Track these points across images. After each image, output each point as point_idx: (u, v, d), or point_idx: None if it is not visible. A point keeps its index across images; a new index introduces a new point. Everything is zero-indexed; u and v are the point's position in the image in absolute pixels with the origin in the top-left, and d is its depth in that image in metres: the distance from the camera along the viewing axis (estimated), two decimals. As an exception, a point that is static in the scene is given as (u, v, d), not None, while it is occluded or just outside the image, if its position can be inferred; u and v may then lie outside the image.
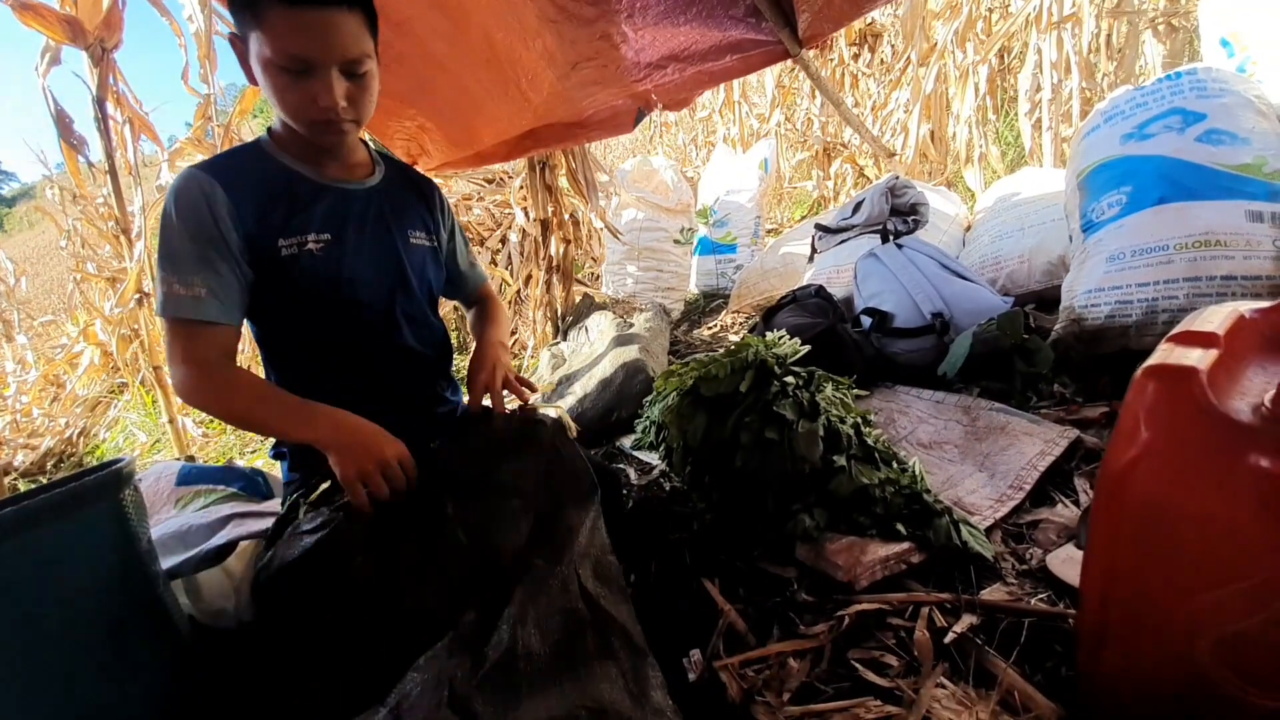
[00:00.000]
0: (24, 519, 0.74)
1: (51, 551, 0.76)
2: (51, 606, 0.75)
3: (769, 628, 0.86)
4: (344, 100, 0.84)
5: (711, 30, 1.52)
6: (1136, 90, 1.56)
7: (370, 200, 1.00)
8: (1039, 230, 1.91)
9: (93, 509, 0.80)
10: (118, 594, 0.82)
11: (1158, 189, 1.39)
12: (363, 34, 0.84)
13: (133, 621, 0.83)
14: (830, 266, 2.23)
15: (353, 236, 0.94)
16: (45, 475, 3.43)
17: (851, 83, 4.46)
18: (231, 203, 0.86)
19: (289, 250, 0.89)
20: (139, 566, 0.86)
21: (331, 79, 0.82)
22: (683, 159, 6.86)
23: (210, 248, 0.85)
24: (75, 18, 2.22)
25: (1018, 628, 0.77)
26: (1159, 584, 0.56)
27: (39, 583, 0.75)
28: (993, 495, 1.05)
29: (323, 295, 0.92)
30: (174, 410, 2.36)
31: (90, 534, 0.80)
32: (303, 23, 0.78)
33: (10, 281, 5.88)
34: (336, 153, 0.97)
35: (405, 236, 1.03)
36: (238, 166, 0.91)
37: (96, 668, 0.79)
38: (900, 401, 1.45)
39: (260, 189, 0.89)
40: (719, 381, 1.12)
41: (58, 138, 2.38)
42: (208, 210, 0.85)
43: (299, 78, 0.81)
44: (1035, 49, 2.92)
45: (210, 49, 2.96)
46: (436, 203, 1.13)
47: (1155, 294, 1.33)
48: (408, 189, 1.08)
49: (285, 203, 0.90)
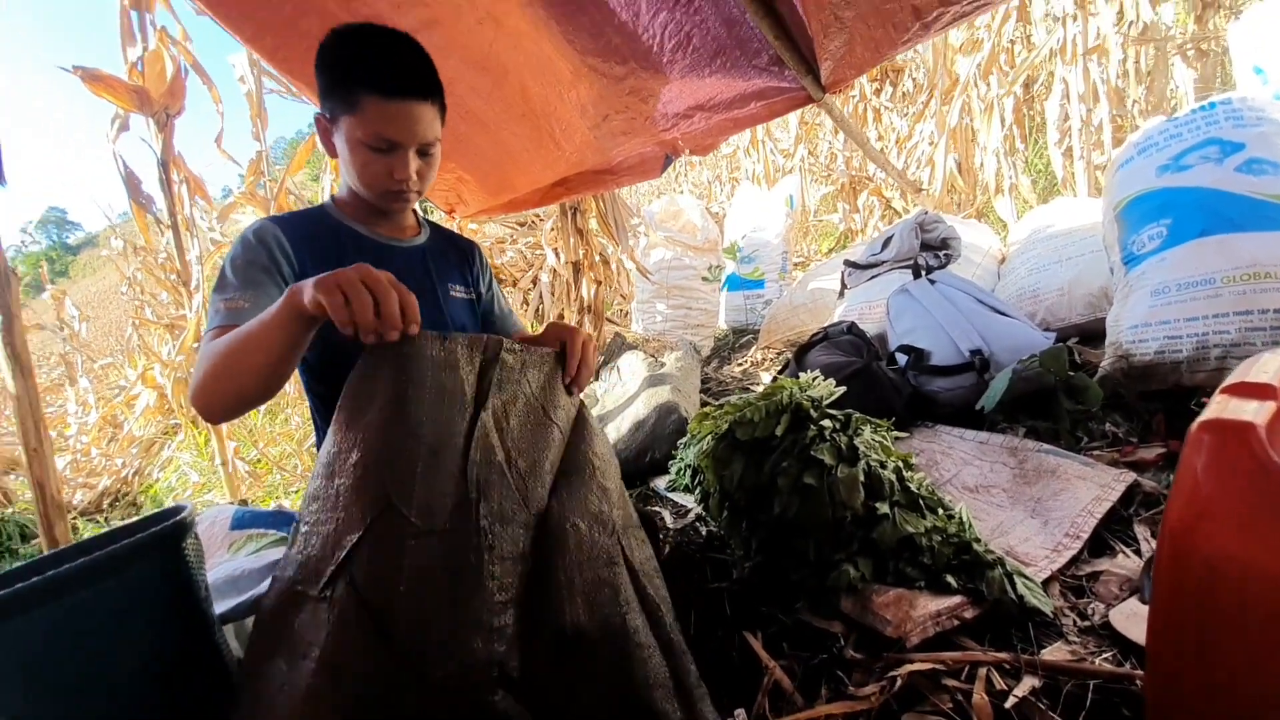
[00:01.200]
0: (93, 570, 0.77)
1: (119, 600, 0.79)
2: (118, 655, 0.78)
3: (816, 686, 0.83)
4: (415, 174, 0.98)
5: (736, 80, 1.57)
6: (1169, 121, 1.55)
7: (416, 257, 1.12)
8: (1078, 262, 1.88)
9: (157, 558, 0.83)
10: (178, 641, 0.84)
11: (1199, 221, 1.36)
12: (436, 121, 0.98)
13: (192, 668, 0.85)
14: (861, 302, 2.22)
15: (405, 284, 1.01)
16: (102, 514, 3.58)
17: (874, 117, 4.51)
18: (291, 247, 0.98)
19: None
20: (198, 613, 0.88)
21: (409, 157, 0.96)
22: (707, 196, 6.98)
23: (261, 273, 0.93)
24: (144, 88, 2.42)
25: (1083, 690, 0.74)
26: (1227, 648, 0.53)
27: (107, 631, 0.78)
28: (1047, 544, 1.01)
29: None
30: (226, 453, 2.46)
31: (154, 582, 0.83)
32: (394, 112, 0.92)
33: (75, 327, 6.26)
34: (393, 217, 1.10)
35: (446, 290, 1.14)
36: (301, 221, 1.04)
37: (153, 708, 0.81)
38: (942, 442, 1.42)
39: (319, 241, 1.02)
40: (754, 425, 1.12)
41: (127, 197, 2.57)
42: (263, 246, 0.96)
43: (381, 154, 0.95)
44: (1061, 79, 2.92)
45: (261, 108, 3.17)
46: (476, 260, 1.25)
47: (1205, 328, 1.29)
48: (449, 248, 1.21)
49: (339, 254, 1.02)
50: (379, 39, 0.94)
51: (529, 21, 1.49)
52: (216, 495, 2.97)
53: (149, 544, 0.82)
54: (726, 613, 1.02)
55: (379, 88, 0.90)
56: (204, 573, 0.92)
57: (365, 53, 0.92)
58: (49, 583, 0.74)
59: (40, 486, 1.63)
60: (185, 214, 2.38)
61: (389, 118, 0.92)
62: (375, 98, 0.90)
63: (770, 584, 1.04)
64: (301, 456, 3.10)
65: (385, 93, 0.90)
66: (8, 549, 3.04)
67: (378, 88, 0.90)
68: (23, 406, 1.60)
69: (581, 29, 1.48)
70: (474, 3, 1.43)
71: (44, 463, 1.63)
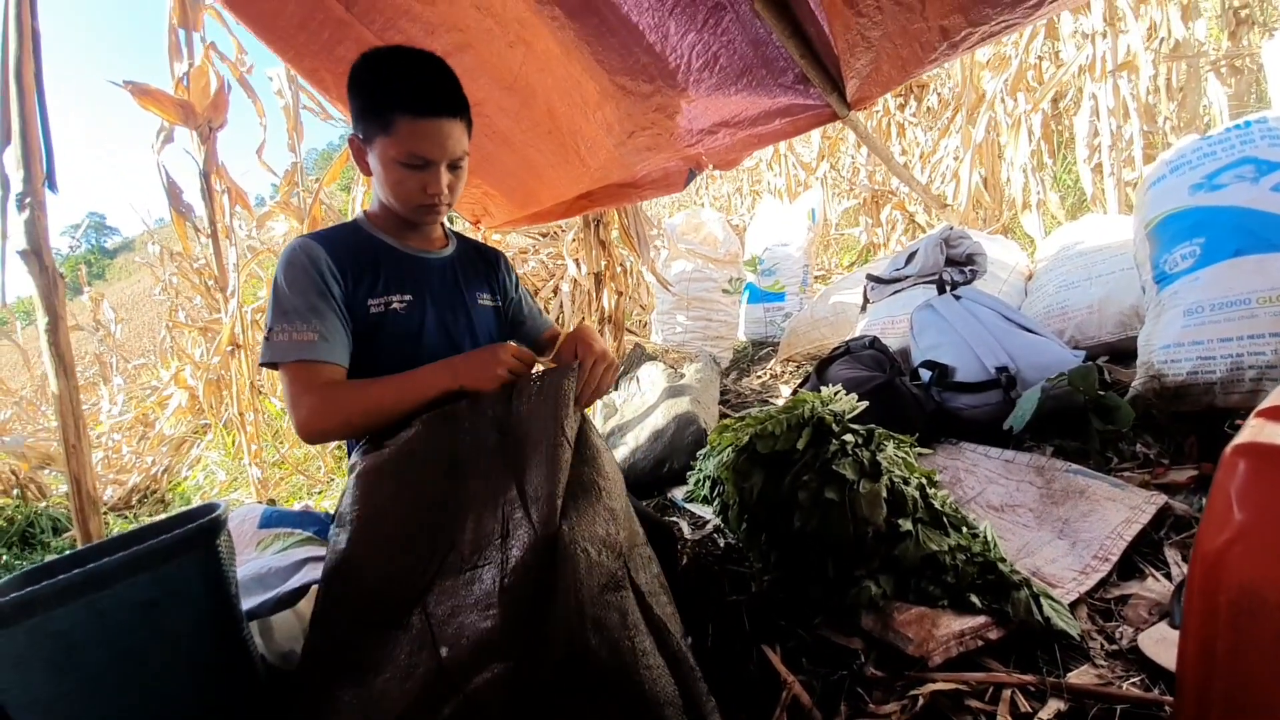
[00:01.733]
0: (132, 563, 0.80)
1: (154, 592, 0.81)
2: (153, 647, 0.80)
3: (835, 703, 0.83)
4: (446, 188, 1.03)
5: (761, 98, 1.58)
6: (1203, 139, 1.52)
7: (445, 268, 1.17)
8: (1108, 279, 1.85)
9: (193, 554, 0.86)
10: (209, 635, 0.87)
11: (1234, 240, 1.34)
12: (464, 136, 1.03)
13: (221, 663, 0.88)
14: (884, 317, 2.20)
15: (430, 298, 1.11)
16: (131, 509, 3.68)
17: (898, 132, 4.50)
18: (336, 265, 1.02)
19: (377, 309, 1.05)
20: (229, 609, 0.91)
21: (440, 172, 1.01)
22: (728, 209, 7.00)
23: (320, 299, 0.99)
24: (189, 102, 2.53)
25: (1109, 715, 0.72)
26: (1262, 676, 0.52)
27: (143, 624, 0.80)
28: (1075, 566, 0.99)
29: (404, 347, 1.06)
30: (252, 454, 2.52)
31: (188, 577, 0.85)
32: (425, 130, 0.96)
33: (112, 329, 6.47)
34: (422, 230, 1.14)
35: (474, 299, 1.19)
36: (337, 237, 1.08)
37: (189, 707, 0.83)
38: (966, 459, 1.40)
39: (355, 256, 1.06)
40: (775, 438, 1.12)
41: (168, 205, 2.67)
42: (314, 268, 1.00)
43: (415, 171, 1.00)
44: (1090, 95, 2.89)
45: (297, 121, 3.28)
46: (502, 268, 1.31)
47: (1240, 349, 1.26)
48: (476, 258, 1.26)
49: (375, 268, 1.07)
50: (407, 62, 0.99)
51: (559, 44, 1.53)
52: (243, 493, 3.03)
53: (187, 539, 0.85)
54: (745, 626, 1.02)
55: (410, 108, 0.95)
56: (234, 570, 0.95)
57: (395, 76, 0.97)
58: (89, 575, 0.77)
59: (77, 481, 1.69)
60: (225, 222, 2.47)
61: (420, 136, 0.96)
62: (407, 118, 0.95)
63: (789, 598, 1.03)
64: (324, 458, 3.16)
65: (416, 112, 0.95)
66: (40, 542, 3.14)
67: (409, 108, 0.95)
68: (64, 404, 1.66)
69: (611, 49, 1.51)
70: (505, 27, 1.47)
71: (81, 459, 1.69)
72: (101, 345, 7.40)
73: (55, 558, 0.95)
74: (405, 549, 0.79)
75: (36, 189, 1.42)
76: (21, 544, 3.06)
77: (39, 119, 1.41)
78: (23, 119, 1.38)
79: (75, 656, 0.76)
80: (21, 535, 3.09)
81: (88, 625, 0.76)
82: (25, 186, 1.38)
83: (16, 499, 3.40)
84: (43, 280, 1.44)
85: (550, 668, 0.67)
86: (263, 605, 1.11)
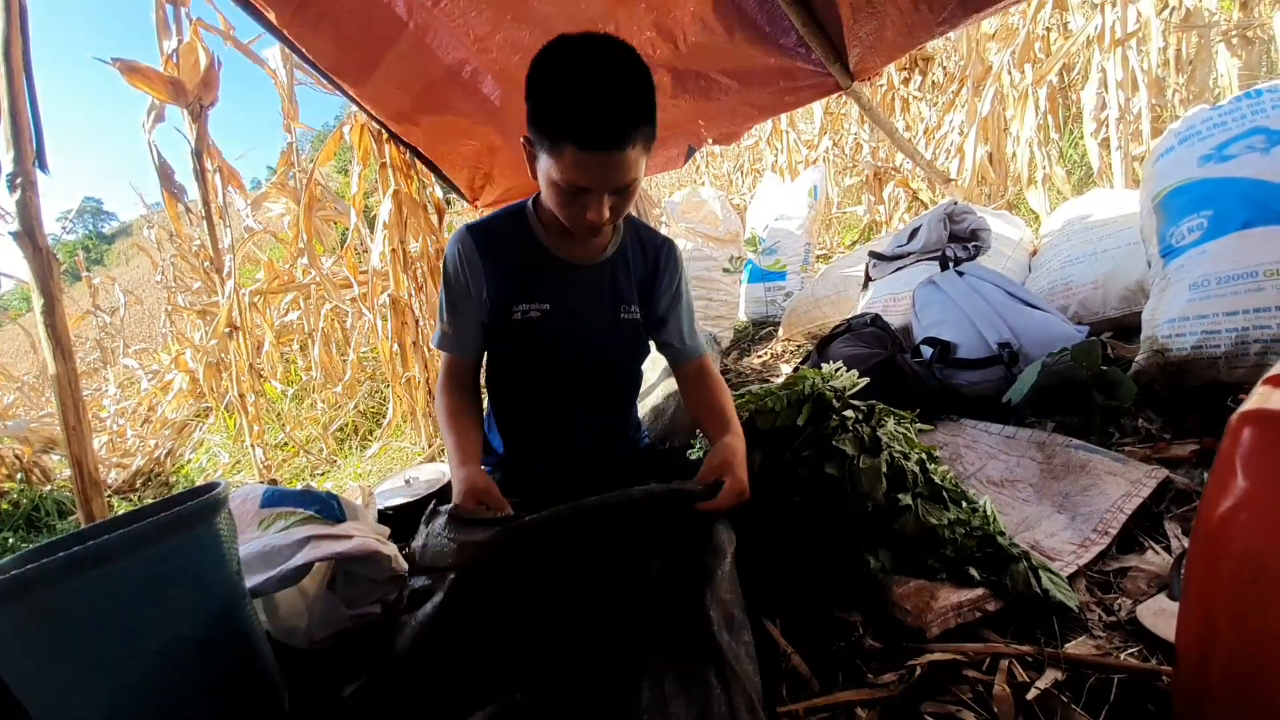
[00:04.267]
0: (135, 540, 0.80)
1: (157, 570, 0.82)
2: (155, 623, 0.81)
3: (834, 673, 0.83)
4: (609, 213, 0.95)
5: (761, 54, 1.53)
6: (1213, 110, 1.49)
7: (596, 276, 1.14)
8: (1114, 255, 1.82)
9: (193, 531, 0.86)
10: (211, 611, 0.87)
11: (1242, 212, 1.31)
12: (639, 161, 0.92)
13: (223, 638, 0.89)
14: (886, 294, 2.18)
15: (568, 309, 1.13)
16: (135, 492, 3.70)
17: (902, 106, 4.42)
18: (485, 265, 1.09)
19: (518, 314, 1.10)
20: (231, 585, 0.92)
21: (603, 200, 0.93)
22: (728, 187, 6.92)
23: (461, 298, 1.12)
24: (179, 79, 2.48)
25: (1106, 685, 0.72)
26: (1263, 643, 0.52)
27: (145, 600, 0.80)
28: (1074, 539, 0.99)
29: (531, 355, 1.14)
30: (254, 436, 2.53)
31: (190, 555, 0.86)
32: (589, 162, 0.88)
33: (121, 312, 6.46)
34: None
35: (618, 310, 1.16)
36: (498, 231, 1.12)
37: (190, 681, 0.84)
38: (967, 436, 1.40)
39: (510, 258, 1.10)
40: (775, 415, 1.11)
41: (160, 187, 2.64)
42: (464, 269, 1.10)
43: (575, 197, 0.93)
44: (1099, 67, 2.83)
45: (292, 100, 3.23)
46: (666, 271, 1.21)
47: (1245, 323, 1.25)
48: (640, 259, 1.19)
49: (524, 273, 1.10)
50: (584, 81, 0.86)
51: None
52: (246, 475, 3.05)
53: (187, 516, 0.85)
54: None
55: (576, 139, 0.86)
56: (236, 547, 0.95)
57: (568, 100, 0.86)
58: (89, 552, 0.77)
59: (78, 463, 1.69)
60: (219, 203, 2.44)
61: (584, 166, 0.88)
62: (572, 148, 0.86)
63: (789, 572, 1.03)
64: (327, 441, 3.17)
65: (582, 145, 0.86)
66: (46, 525, 3.17)
67: (575, 139, 0.86)
68: (62, 386, 1.66)
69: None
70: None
71: (82, 441, 1.69)
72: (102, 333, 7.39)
73: (56, 538, 0.95)
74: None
75: (27, 169, 1.40)
76: (28, 527, 3.08)
77: (28, 98, 1.38)
78: (11, 98, 1.35)
79: (76, 633, 0.76)
80: (27, 519, 3.11)
81: (89, 602, 0.76)
82: (15, 167, 1.37)
83: (21, 483, 3.43)
84: (37, 262, 1.43)
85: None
86: (267, 582, 1.11)
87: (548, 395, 1.19)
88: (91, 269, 8.91)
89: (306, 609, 1.16)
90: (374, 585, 1.19)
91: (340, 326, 3.94)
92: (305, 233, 2.85)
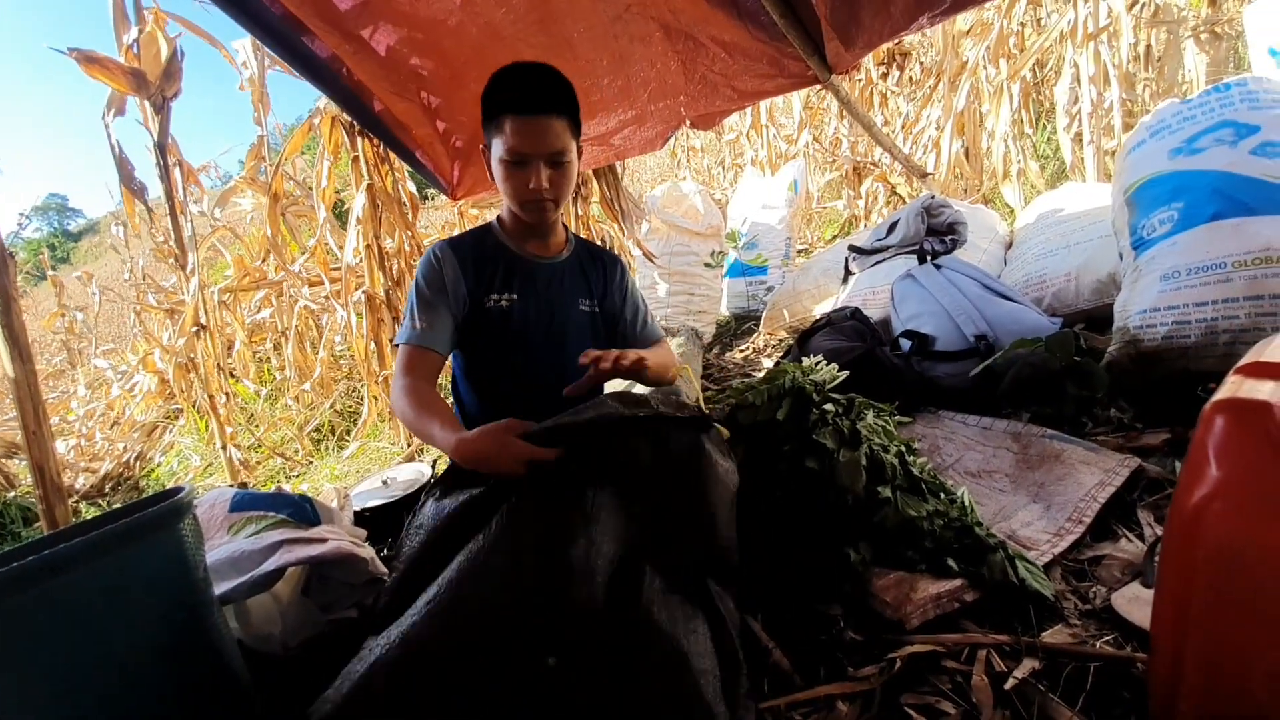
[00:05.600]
0: (92, 548, 0.77)
1: (116, 578, 0.79)
2: (116, 631, 0.78)
3: (815, 667, 0.83)
4: (547, 183, 1.11)
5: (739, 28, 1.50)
6: (1183, 103, 1.51)
7: (555, 272, 1.28)
8: (1086, 247, 1.85)
9: (154, 538, 0.83)
10: (177, 620, 0.84)
11: (1211, 204, 1.34)
12: (565, 133, 1.10)
13: (189, 646, 0.86)
14: (865, 288, 2.20)
15: (533, 299, 1.24)
16: (104, 497, 3.59)
17: (880, 101, 4.45)
18: (458, 266, 1.20)
19: (491, 303, 1.21)
20: (197, 593, 0.88)
21: (540, 167, 1.10)
22: (709, 183, 6.92)
23: (436, 296, 1.18)
24: (139, 70, 2.39)
25: (1083, 673, 0.73)
26: (1237, 632, 0.52)
27: (105, 608, 0.77)
28: (1049, 529, 1.00)
29: (503, 340, 1.23)
30: (226, 438, 2.46)
31: (152, 562, 0.83)
32: (524, 127, 1.07)
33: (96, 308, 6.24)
34: (540, 231, 1.25)
35: (575, 303, 1.29)
36: (469, 241, 1.25)
37: (155, 692, 0.81)
38: (945, 427, 1.41)
39: (481, 258, 1.22)
40: (757, 409, 1.11)
41: (119, 181, 2.53)
42: (439, 271, 1.19)
43: (517, 168, 1.10)
44: (1071, 62, 2.87)
45: (264, 92, 3.13)
46: (614, 274, 1.37)
47: (1215, 314, 1.28)
48: (590, 263, 1.35)
49: (493, 269, 1.22)
50: (517, 70, 1.09)
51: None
52: (218, 479, 2.97)
53: (146, 524, 0.82)
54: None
55: (513, 107, 1.06)
56: (202, 553, 0.92)
57: (505, 82, 1.08)
58: (46, 561, 0.74)
59: (40, 469, 1.63)
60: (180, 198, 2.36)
61: (519, 132, 1.06)
62: (509, 116, 1.06)
63: (771, 567, 1.03)
64: (302, 441, 3.10)
65: (518, 111, 1.06)
66: (11, 532, 3.06)
67: (512, 107, 1.06)
68: (21, 389, 1.60)
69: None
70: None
71: (43, 445, 1.63)
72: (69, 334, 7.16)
73: (16, 546, 0.91)
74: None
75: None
76: (-10, 534, 2.97)
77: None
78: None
79: (35, 644, 0.73)
80: (-10, 525, 3.00)
81: (49, 612, 0.73)
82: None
83: (-16, 489, 3.30)
84: (-12, 258, 1.37)
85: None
86: (237, 589, 1.08)
87: (519, 380, 1.26)
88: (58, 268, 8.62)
89: (280, 615, 1.13)
90: (350, 589, 1.16)
91: (314, 325, 3.85)
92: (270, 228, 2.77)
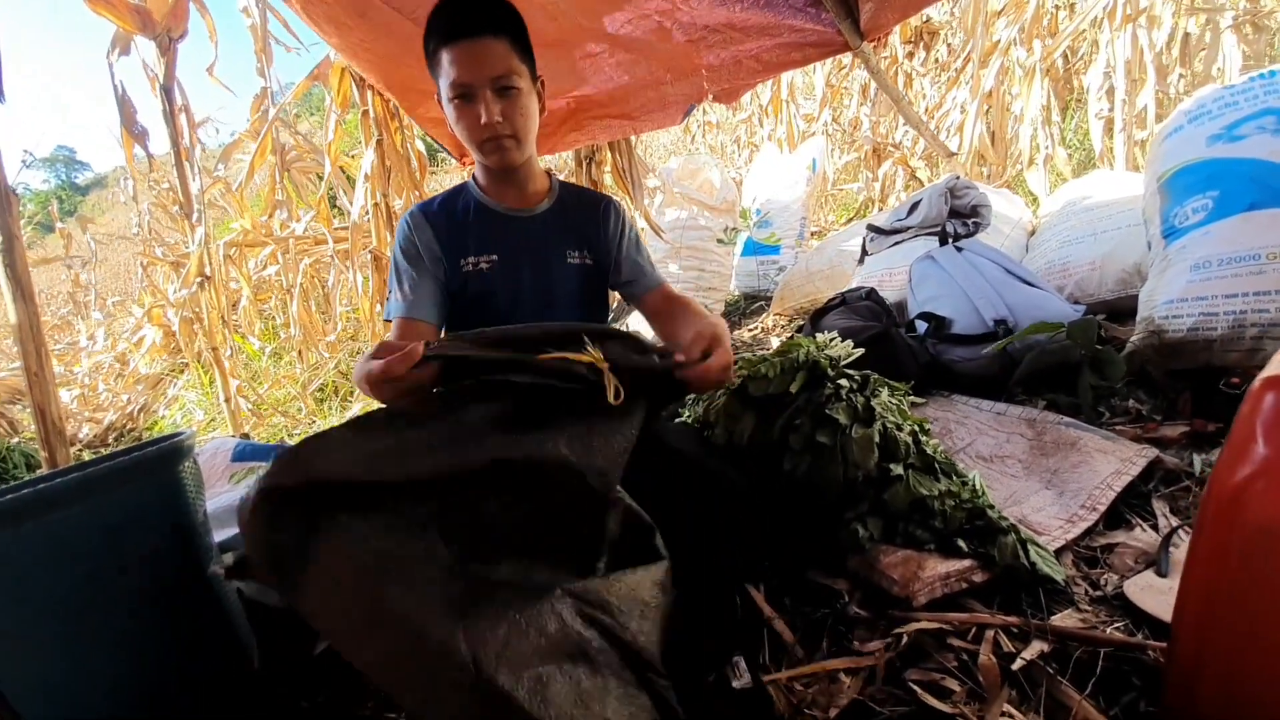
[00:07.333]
0: (89, 485, 0.76)
1: (113, 517, 0.78)
2: (111, 570, 0.77)
3: (818, 640, 0.82)
4: (499, 116, 0.96)
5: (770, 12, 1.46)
6: (1225, 89, 1.45)
7: (535, 225, 1.14)
8: (1112, 236, 1.80)
9: (153, 478, 0.82)
10: (173, 562, 0.83)
11: (1249, 194, 1.29)
12: (509, 55, 0.96)
13: (187, 591, 0.85)
14: (882, 269, 2.15)
15: (513, 258, 1.11)
16: (106, 448, 3.62)
17: (905, 82, 4.33)
18: (431, 229, 1.09)
19: (466, 268, 1.09)
20: (195, 537, 0.87)
21: (487, 98, 0.95)
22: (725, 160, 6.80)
23: (415, 264, 1.08)
24: (145, 7, 2.31)
25: (1092, 658, 0.72)
26: (1269, 619, 0.50)
27: (100, 547, 0.76)
28: (1062, 515, 0.98)
29: (486, 305, 1.10)
30: (230, 390, 2.45)
31: (149, 503, 0.82)
32: (460, 54, 0.93)
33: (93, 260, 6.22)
34: (513, 179, 1.11)
35: (562, 257, 1.15)
36: (441, 201, 1.14)
37: (150, 632, 0.80)
38: (958, 411, 1.38)
39: (453, 218, 1.11)
40: (769, 381, 1.08)
41: (120, 124, 2.47)
42: (414, 238, 1.09)
43: (464, 104, 0.96)
44: (1106, 47, 2.77)
45: (266, 44, 3.05)
46: (609, 219, 1.20)
47: (1244, 306, 1.24)
48: (576, 210, 1.19)
49: (467, 229, 1.10)
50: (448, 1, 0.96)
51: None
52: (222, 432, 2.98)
53: (145, 463, 0.81)
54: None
55: (444, 36, 0.94)
56: (202, 499, 0.91)
57: (436, 13, 0.95)
58: (40, 496, 0.73)
59: (41, 411, 1.62)
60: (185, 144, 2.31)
61: (455, 60, 0.93)
62: (444, 48, 0.94)
63: (776, 538, 1.02)
64: (306, 400, 3.10)
65: (449, 38, 0.93)
66: (13, 477, 3.08)
67: (444, 36, 0.94)
68: (24, 330, 1.58)
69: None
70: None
71: (45, 387, 1.62)
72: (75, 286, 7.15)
73: (11, 484, 0.90)
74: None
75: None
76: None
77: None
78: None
79: (31, 581, 0.73)
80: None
81: (42, 549, 0.73)
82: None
83: (-12, 434, 3.32)
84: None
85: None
86: (237, 537, 1.08)
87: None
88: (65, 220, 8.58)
89: (279, 565, 1.13)
90: (349, 541, 1.15)
91: (320, 283, 3.82)
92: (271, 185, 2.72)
